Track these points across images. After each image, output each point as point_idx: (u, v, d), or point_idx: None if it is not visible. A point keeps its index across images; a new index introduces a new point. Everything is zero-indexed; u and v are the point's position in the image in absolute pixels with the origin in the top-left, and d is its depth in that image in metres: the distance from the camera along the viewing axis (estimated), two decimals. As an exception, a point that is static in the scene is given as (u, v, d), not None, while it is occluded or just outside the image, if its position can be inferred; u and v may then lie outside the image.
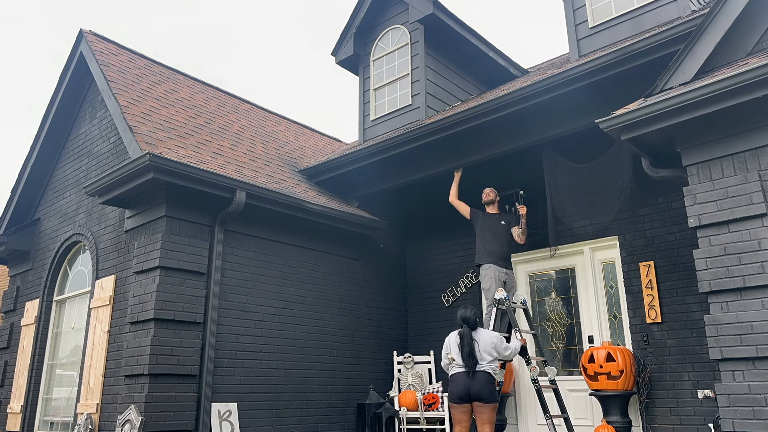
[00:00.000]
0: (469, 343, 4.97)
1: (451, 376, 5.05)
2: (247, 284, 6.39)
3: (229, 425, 5.83)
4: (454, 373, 5.03)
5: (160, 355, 5.47)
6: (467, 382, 4.88)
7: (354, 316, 7.50)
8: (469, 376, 4.88)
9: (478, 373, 4.89)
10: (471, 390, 4.87)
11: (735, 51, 4.54)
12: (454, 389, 4.96)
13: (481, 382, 4.87)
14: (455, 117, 6.30)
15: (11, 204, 8.67)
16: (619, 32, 6.17)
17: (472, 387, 4.87)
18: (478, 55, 8.36)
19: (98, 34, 8.31)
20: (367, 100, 8.38)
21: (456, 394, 4.93)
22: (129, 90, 7.23)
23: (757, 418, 3.86)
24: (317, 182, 7.91)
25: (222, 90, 9.93)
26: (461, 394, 4.90)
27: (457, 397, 4.93)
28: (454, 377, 5.01)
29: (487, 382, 4.89)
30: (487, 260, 6.34)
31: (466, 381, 4.89)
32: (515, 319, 5.88)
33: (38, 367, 7.52)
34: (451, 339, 5.18)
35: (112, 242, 6.67)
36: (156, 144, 6.17)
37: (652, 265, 5.96)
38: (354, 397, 7.18)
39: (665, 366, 5.72)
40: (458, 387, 4.93)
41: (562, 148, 6.32)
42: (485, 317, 6.43)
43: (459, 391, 4.91)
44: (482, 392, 4.84)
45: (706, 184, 4.37)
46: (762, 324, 3.93)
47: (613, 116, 4.57)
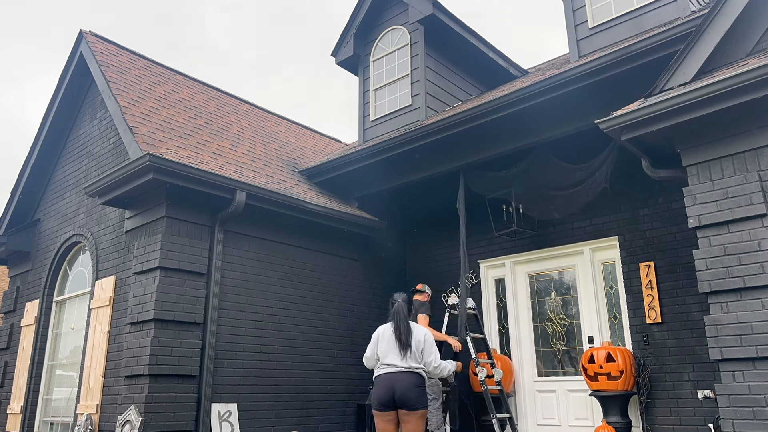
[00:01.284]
0: (406, 317, 4.31)
1: (374, 378, 4.31)
2: (247, 285, 6.39)
3: (229, 426, 5.82)
4: (377, 374, 4.29)
5: (160, 356, 5.46)
6: (392, 383, 4.14)
7: (354, 317, 7.50)
8: (396, 376, 4.14)
9: (408, 373, 4.18)
10: (395, 394, 4.12)
11: (735, 51, 4.54)
12: (375, 392, 4.22)
13: (409, 384, 4.13)
14: (455, 117, 6.30)
15: (11, 205, 8.68)
16: (619, 33, 6.17)
17: (396, 390, 4.12)
18: (477, 55, 8.37)
19: (98, 34, 8.32)
20: (367, 100, 8.38)
21: (377, 399, 4.19)
22: (129, 90, 7.23)
23: (757, 418, 3.86)
24: (317, 183, 7.91)
25: (222, 90, 9.93)
26: (382, 399, 4.16)
27: (378, 403, 4.19)
28: (377, 378, 4.28)
29: (416, 385, 4.16)
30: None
31: (391, 382, 4.15)
32: (465, 324, 6.19)
33: (38, 367, 7.52)
34: (384, 332, 4.44)
35: (112, 243, 6.67)
36: (156, 145, 6.17)
37: (652, 265, 5.96)
38: (354, 397, 7.18)
39: (665, 366, 5.72)
40: (379, 390, 4.19)
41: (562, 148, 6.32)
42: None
43: (380, 395, 4.17)
44: (406, 397, 4.10)
45: (705, 184, 4.37)
46: (762, 324, 3.93)
47: (612, 117, 4.57)
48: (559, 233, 6.83)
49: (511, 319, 7.14)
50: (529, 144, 6.19)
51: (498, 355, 6.83)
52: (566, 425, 6.46)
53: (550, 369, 6.78)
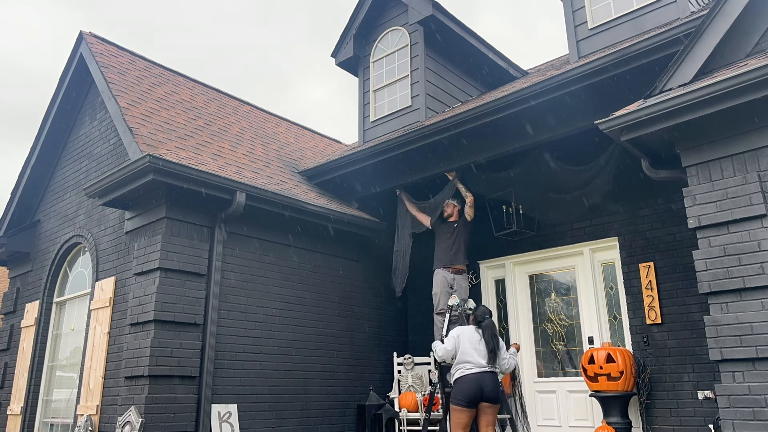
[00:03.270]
0: (495, 335, 4.94)
1: (461, 378, 4.86)
2: (247, 285, 6.39)
3: (229, 426, 5.82)
4: (466, 374, 4.83)
5: (160, 357, 5.46)
6: (480, 382, 4.75)
7: (354, 318, 7.50)
8: (483, 376, 4.77)
9: (491, 373, 4.84)
10: (484, 391, 4.75)
11: (734, 52, 4.54)
12: (466, 390, 4.77)
13: (494, 383, 4.81)
14: (455, 118, 6.30)
15: (11, 206, 8.68)
16: (619, 33, 6.17)
17: (485, 388, 4.75)
18: (477, 56, 8.37)
19: (98, 35, 8.33)
20: (366, 101, 8.39)
21: (467, 396, 4.75)
22: (129, 91, 7.24)
23: (757, 419, 3.86)
24: (317, 183, 7.91)
25: (222, 92, 9.94)
26: (473, 396, 4.74)
27: (468, 400, 4.75)
28: (466, 378, 4.82)
29: (497, 383, 4.86)
30: (436, 266, 6.82)
31: (479, 382, 4.76)
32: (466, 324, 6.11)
33: (38, 368, 7.52)
34: (465, 334, 5.03)
35: (112, 244, 6.67)
36: (156, 145, 6.17)
37: (652, 266, 5.96)
38: (354, 398, 7.18)
39: (665, 367, 5.72)
40: (471, 388, 4.76)
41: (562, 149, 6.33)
42: (436, 322, 6.63)
43: (471, 392, 4.75)
44: (493, 394, 4.77)
45: (705, 185, 4.38)
46: (762, 325, 3.93)
47: (612, 117, 4.57)
48: (559, 234, 6.84)
49: (512, 319, 7.14)
50: (529, 145, 6.19)
51: (498, 356, 6.82)
52: (566, 426, 6.46)
53: (550, 370, 6.78)
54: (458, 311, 6.21)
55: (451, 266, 6.72)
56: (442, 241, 6.88)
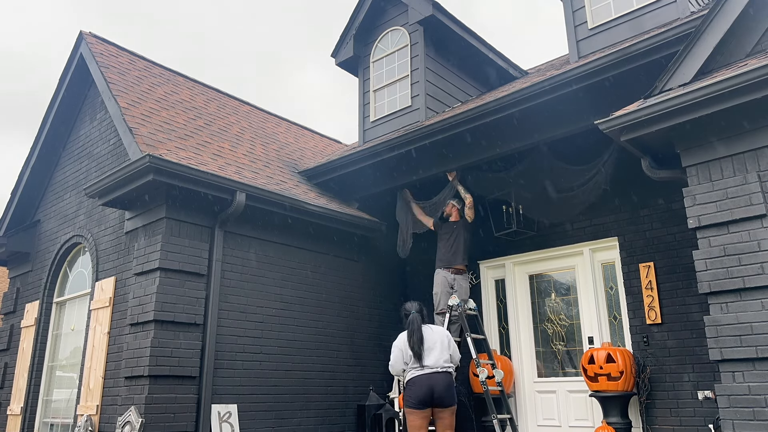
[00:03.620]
0: (420, 328, 4.62)
1: (411, 379, 4.56)
2: (247, 286, 6.39)
3: (229, 426, 5.82)
4: (414, 376, 4.54)
5: (160, 357, 5.46)
6: (430, 381, 4.46)
7: (354, 318, 7.50)
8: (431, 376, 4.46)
9: (442, 373, 4.52)
10: (434, 392, 4.44)
11: (734, 52, 4.55)
12: (415, 391, 4.48)
13: (445, 382, 4.49)
14: (455, 118, 6.30)
15: (11, 206, 8.67)
16: (619, 33, 6.18)
17: (435, 389, 4.45)
18: (477, 56, 8.37)
19: (98, 36, 8.33)
20: (366, 101, 8.39)
21: (417, 398, 4.46)
22: (129, 92, 7.24)
23: (757, 419, 3.86)
24: (317, 183, 7.91)
25: (222, 92, 9.94)
26: (424, 397, 4.45)
27: (418, 401, 4.47)
28: (415, 379, 4.53)
29: (450, 384, 4.54)
30: (437, 266, 6.83)
31: (428, 381, 4.47)
32: (466, 324, 6.21)
33: (38, 368, 7.52)
34: (401, 337, 4.75)
35: (112, 244, 6.67)
36: (156, 146, 6.17)
37: (652, 266, 5.96)
38: (354, 398, 7.17)
39: (665, 367, 5.72)
40: (420, 388, 4.47)
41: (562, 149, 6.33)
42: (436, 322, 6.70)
43: (422, 394, 4.45)
44: (445, 394, 4.46)
45: (705, 185, 4.38)
46: (762, 325, 3.93)
47: (612, 117, 4.57)
48: (559, 234, 6.84)
49: (511, 319, 7.14)
50: (529, 145, 6.19)
51: (498, 356, 6.83)
52: (566, 426, 6.46)
53: (551, 370, 6.78)
54: (458, 311, 6.25)
55: (451, 266, 6.73)
56: (442, 241, 6.90)
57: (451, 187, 7.02)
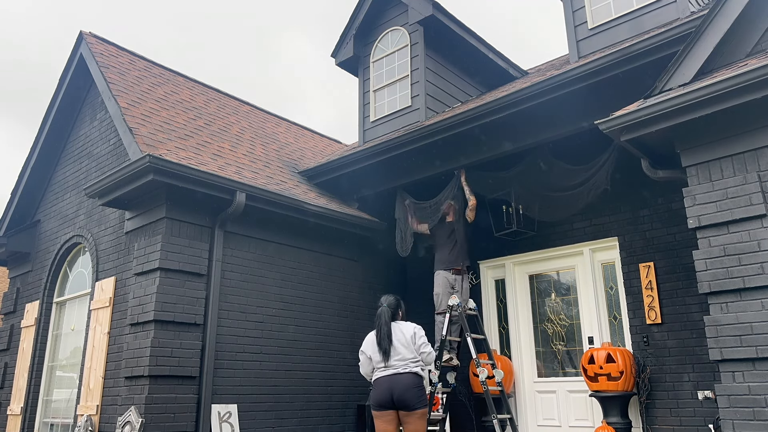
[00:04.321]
0: (387, 323, 4.33)
1: (373, 381, 4.35)
2: (247, 286, 6.39)
3: (229, 426, 5.82)
4: (375, 378, 4.32)
5: (160, 357, 5.46)
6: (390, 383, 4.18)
7: (354, 318, 7.50)
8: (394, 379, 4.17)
9: (404, 374, 4.20)
10: (394, 394, 4.14)
11: (734, 52, 4.54)
12: (374, 393, 4.26)
13: (405, 383, 4.15)
14: (455, 118, 6.30)
15: (11, 206, 8.68)
16: (619, 33, 6.17)
17: (395, 390, 4.14)
18: (477, 56, 8.37)
19: (98, 36, 8.33)
20: (366, 101, 8.39)
21: (377, 400, 4.21)
22: (129, 92, 7.24)
23: (757, 419, 3.86)
24: (317, 183, 7.91)
25: (222, 92, 9.94)
26: (382, 399, 4.18)
27: (377, 404, 4.21)
28: (375, 381, 4.30)
29: (413, 385, 4.18)
30: (438, 267, 6.76)
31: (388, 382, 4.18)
32: (466, 324, 6.19)
33: (38, 368, 7.52)
34: (370, 338, 4.48)
35: (112, 244, 6.67)
36: (156, 146, 6.17)
37: (652, 266, 5.96)
38: (354, 398, 7.17)
39: (665, 367, 5.72)
40: (379, 390, 4.21)
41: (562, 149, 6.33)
42: (437, 322, 6.65)
43: (380, 396, 4.19)
44: (406, 396, 4.12)
45: (705, 185, 4.38)
46: (762, 325, 3.93)
47: (612, 117, 4.57)
48: (559, 234, 6.84)
49: (511, 319, 7.14)
50: (529, 145, 6.19)
51: (498, 356, 6.83)
52: (566, 426, 6.46)
53: (551, 370, 6.79)
54: (458, 311, 6.25)
55: (452, 268, 6.70)
56: (442, 243, 6.87)
57: (454, 184, 6.98)
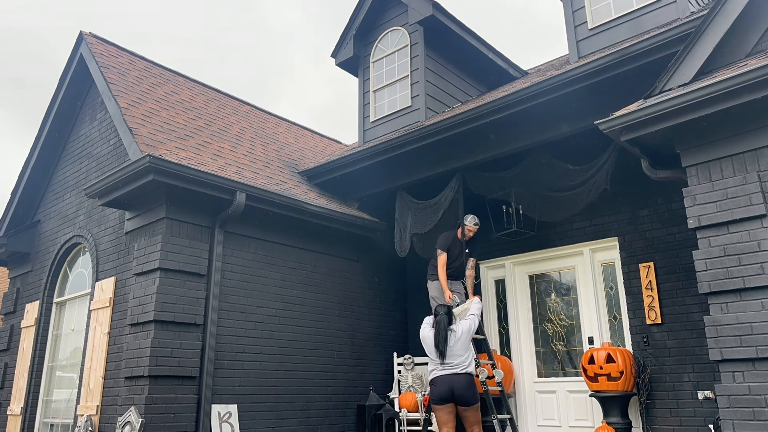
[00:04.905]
0: (446, 328, 5.02)
1: (433, 379, 5.01)
2: (247, 286, 6.39)
3: (229, 427, 5.82)
4: (436, 376, 4.98)
5: (160, 357, 5.47)
6: (450, 382, 4.88)
7: (354, 318, 7.50)
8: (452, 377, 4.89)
9: (462, 375, 4.90)
10: (455, 392, 4.86)
11: (734, 52, 4.54)
12: (437, 390, 4.93)
13: (465, 383, 4.88)
14: (455, 119, 6.30)
15: (11, 206, 8.68)
16: (619, 34, 6.18)
17: (455, 389, 4.86)
18: (477, 56, 8.38)
19: (98, 36, 8.33)
20: (366, 101, 8.39)
21: (439, 396, 4.91)
22: (129, 92, 7.24)
23: (757, 419, 3.86)
24: (317, 184, 7.91)
25: (222, 92, 9.94)
26: (444, 395, 4.88)
27: (439, 398, 4.91)
28: (436, 379, 4.97)
29: (470, 384, 4.90)
30: (432, 278, 6.66)
31: (449, 382, 4.89)
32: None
33: (38, 368, 7.52)
34: (427, 333, 5.18)
35: (112, 244, 6.67)
36: (156, 146, 6.17)
37: (652, 266, 5.96)
38: (354, 398, 7.18)
39: (665, 367, 5.72)
40: (441, 387, 4.91)
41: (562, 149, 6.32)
42: None
43: (442, 392, 4.89)
44: (466, 394, 4.85)
45: (705, 185, 4.38)
46: (762, 325, 3.93)
47: (612, 117, 4.57)
48: (559, 234, 6.84)
49: (511, 319, 7.14)
50: (529, 145, 6.19)
51: (498, 356, 6.83)
52: (566, 426, 6.46)
53: (551, 370, 6.79)
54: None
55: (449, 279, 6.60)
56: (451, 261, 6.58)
57: (452, 187, 6.95)
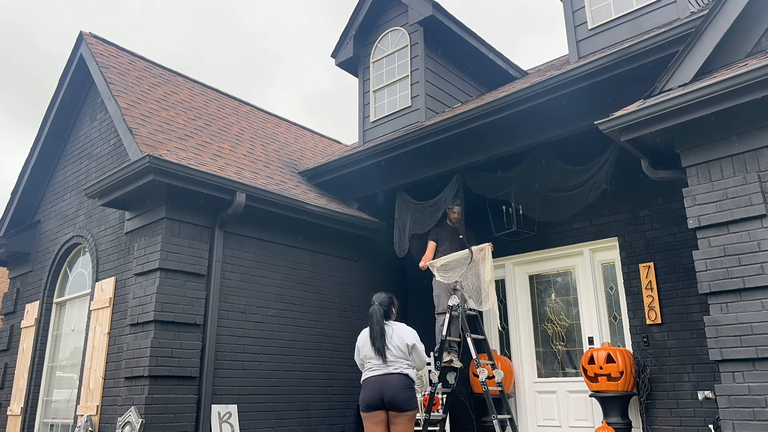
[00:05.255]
0: (379, 321, 4.19)
1: (363, 381, 4.23)
2: (247, 286, 6.39)
3: (229, 427, 5.82)
4: (365, 378, 4.20)
5: (160, 357, 5.46)
6: (380, 384, 4.08)
7: (354, 318, 7.50)
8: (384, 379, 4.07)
9: (394, 375, 4.09)
10: (384, 395, 4.04)
11: (734, 52, 4.54)
12: (364, 394, 4.14)
13: (397, 384, 4.05)
14: (455, 119, 6.30)
15: (11, 206, 8.68)
16: (619, 34, 6.18)
17: (385, 391, 4.04)
18: (477, 56, 8.38)
19: (98, 36, 8.33)
20: (366, 101, 8.39)
21: (366, 401, 4.10)
22: (129, 92, 7.24)
23: (757, 419, 3.86)
24: (317, 184, 7.91)
25: (222, 92, 9.94)
26: (372, 400, 4.07)
27: (366, 405, 4.11)
28: (365, 381, 4.19)
29: (404, 386, 4.08)
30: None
31: (379, 383, 4.08)
32: (466, 325, 6.17)
33: (38, 369, 7.52)
34: (363, 334, 4.36)
35: (112, 244, 6.67)
36: (156, 146, 6.17)
37: (652, 266, 5.96)
38: (354, 398, 7.17)
39: (665, 367, 5.72)
40: (369, 391, 4.10)
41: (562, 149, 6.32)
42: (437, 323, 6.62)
43: (370, 397, 4.08)
44: (398, 398, 4.01)
45: (705, 185, 4.38)
46: (762, 325, 3.93)
47: (612, 118, 4.57)
48: (559, 234, 6.84)
49: (511, 320, 7.14)
50: (529, 145, 6.19)
51: (498, 356, 6.83)
52: (566, 426, 6.46)
53: (550, 370, 6.79)
54: (458, 311, 6.24)
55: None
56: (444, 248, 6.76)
57: (452, 187, 6.98)
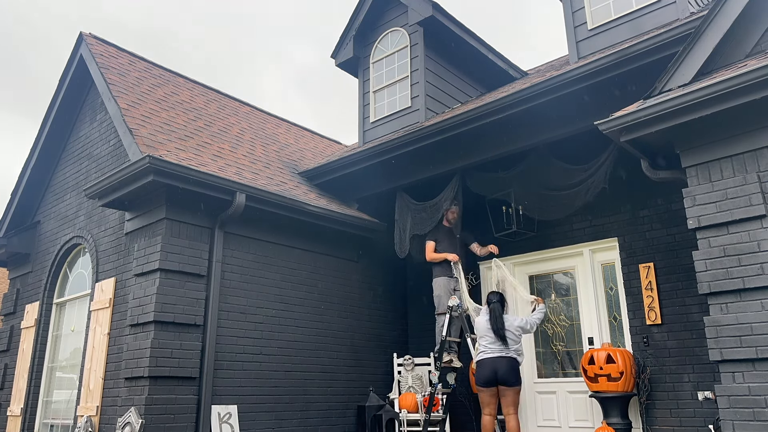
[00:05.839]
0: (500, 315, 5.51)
1: (478, 362, 5.51)
2: (247, 286, 6.39)
3: (229, 427, 5.82)
4: (480, 359, 5.46)
5: (160, 358, 5.46)
6: (494, 363, 5.38)
7: (354, 318, 7.50)
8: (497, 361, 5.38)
9: (505, 358, 5.37)
10: (498, 372, 5.34)
11: (734, 52, 4.55)
12: (480, 372, 5.43)
13: (509, 365, 5.37)
14: (455, 119, 6.30)
15: (11, 207, 8.68)
16: (619, 34, 6.18)
17: (498, 369, 5.34)
18: (477, 57, 8.38)
19: (98, 36, 8.33)
20: (366, 102, 8.39)
21: (483, 378, 5.39)
22: (129, 92, 7.24)
23: (757, 419, 3.86)
24: (317, 184, 7.91)
25: (222, 93, 9.95)
26: (488, 378, 5.36)
27: (483, 381, 5.39)
28: (480, 362, 5.46)
29: (513, 367, 5.38)
30: (438, 274, 6.82)
31: (492, 363, 5.39)
32: (467, 325, 6.27)
33: (38, 369, 7.52)
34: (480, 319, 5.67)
35: (112, 245, 6.67)
36: (156, 146, 6.17)
37: (652, 266, 5.96)
38: (354, 399, 7.17)
39: (665, 367, 5.72)
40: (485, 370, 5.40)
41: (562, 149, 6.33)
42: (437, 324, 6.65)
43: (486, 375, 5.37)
44: (508, 375, 5.32)
45: (705, 185, 4.38)
46: (762, 325, 3.93)
47: (612, 118, 4.58)
48: (559, 234, 6.84)
49: (511, 320, 7.13)
50: (529, 145, 6.19)
51: (498, 357, 6.82)
52: (566, 426, 6.45)
53: (550, 370, 6.78)
54: (458, 312, 6.27)
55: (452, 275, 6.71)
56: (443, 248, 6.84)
57: (452, 188, 7.00)
